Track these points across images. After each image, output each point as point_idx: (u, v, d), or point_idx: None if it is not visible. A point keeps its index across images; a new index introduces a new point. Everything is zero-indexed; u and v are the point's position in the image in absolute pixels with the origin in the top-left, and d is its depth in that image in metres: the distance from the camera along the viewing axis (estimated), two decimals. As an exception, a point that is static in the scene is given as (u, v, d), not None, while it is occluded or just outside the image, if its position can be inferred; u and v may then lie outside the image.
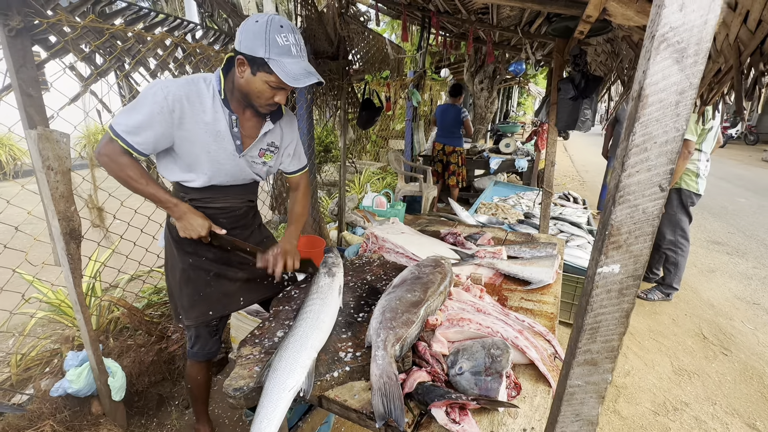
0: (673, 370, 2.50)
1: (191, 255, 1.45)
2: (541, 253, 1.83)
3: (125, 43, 1.60)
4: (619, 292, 0.54)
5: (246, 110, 1.36)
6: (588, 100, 2.19)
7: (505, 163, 5.55)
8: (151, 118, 1.20)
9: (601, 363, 0.57)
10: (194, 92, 1.25)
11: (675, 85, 0.47)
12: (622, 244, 0.52)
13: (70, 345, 1.89)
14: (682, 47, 0.46)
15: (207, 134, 1.29)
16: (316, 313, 1.17)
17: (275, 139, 1.46)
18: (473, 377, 0.99)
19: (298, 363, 0.99)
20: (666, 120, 0.48)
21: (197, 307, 1.48)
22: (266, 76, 1.21)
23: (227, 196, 1.45)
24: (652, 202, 0.50)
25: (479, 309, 1.25)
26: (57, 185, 1.38)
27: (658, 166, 0.49)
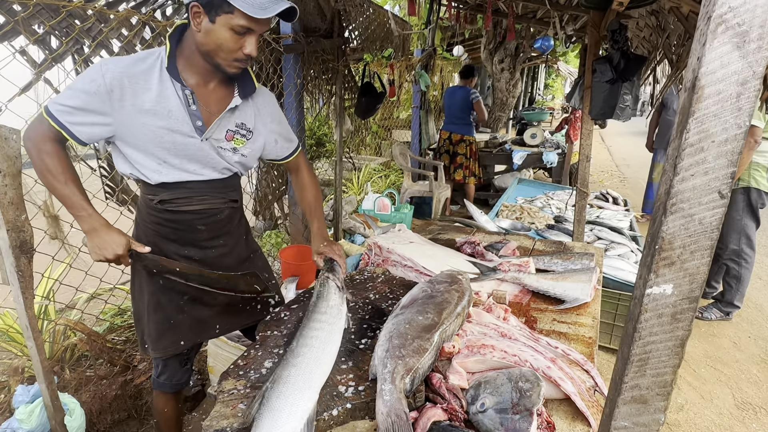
0: (735, 403, 2.49)
1: (163, 275, 1.42)
2: (576, 265, 1.83)
3: (84, 23, 1.62)
4: (672, 317, 0.54)
5: (210, 81, 1.33)
6: (628, 84, 2.19)
7: (530, 157, 5.56)
8: (88, 98, 1.21)
9: (651, 401, 0.57)
10: (140, 69, 1.25)
11: (735, 75, 0.47)
12: (676, 260, 0.53)
13: (19, 377, 1.91)
14: (744, 30, 0.46)
15: (156, 117, 1.27)
16: (323, 342, 1.15)
17: (246, 120, 1.42)
18: (498, 416, 0.99)
19: (299, 407, 0.98)
20: (725, 115, 0.48)
21: (167, 337, 1.47)
22: (228, 18, 1.17)
23: (203, 195, 1.42)
24: (710, 212, 0.51)
25: (504, 333, 1.25)
26: (5, 190, 1.40)
27: (716, 168, 0.49)
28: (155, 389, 1.62)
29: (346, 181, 5.64)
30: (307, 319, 1.25)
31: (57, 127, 1.21)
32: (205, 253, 1.50)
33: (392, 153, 5.15)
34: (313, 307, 1.29)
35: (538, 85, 16.02)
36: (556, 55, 9.70)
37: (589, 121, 2.63)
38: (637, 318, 0.56)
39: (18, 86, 1.52)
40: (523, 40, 6.57)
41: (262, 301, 1.62)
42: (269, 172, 3.41)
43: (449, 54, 7.76)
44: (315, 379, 1.05)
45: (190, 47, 1.27)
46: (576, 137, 4.93)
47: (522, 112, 7.60)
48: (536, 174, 7.02)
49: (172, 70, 1.26)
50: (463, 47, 7.81)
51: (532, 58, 9.15)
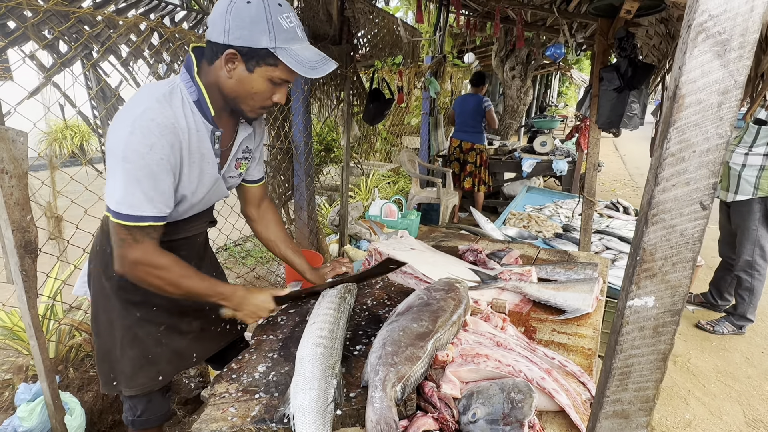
0: (746, 420, 2.43)
1: (140, 306, 1.35)
2: (579, 275, 1.81)
3: (93, 29, 1.66)
4: (654, 330, 0.53)
5: (222, 115, 1.26)
6: (636, 92, 2.17)
7: (540, 165, 5.52)
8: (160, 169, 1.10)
9: (633, 416, 0.56)
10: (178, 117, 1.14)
11: (717, 84, 0.46)
12: (657, 272, 0.52)
13: (23, 375, 1.94)
14: (725, 39, 0.46)
15: (198, 161, 1.21)
16: (338, 338, 1.21)
17: (251, 144, 1.39)
18: (489, 426, 0.97)
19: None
20: (706, 125, 0.47)
21: (144, 373, 1.38)
22: (270, 70, 1.12)
23: (191, 223, 1.39)
24: (691, 223, 0.50)
25: (499, 343, 1.24)
26: (11, 191, 1.43)
27: (698, 179, 0.49)
28: (135, 429, 1.48)
29: (354, 186, 5.65)
30: (323, 313, 1.29)
31: (153, 224, 1.13)
32: None
33: (400, 159, 5.15)
34: (331, 305, 1.33)
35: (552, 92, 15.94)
36: (568, 63, 9.66)
37: (596, 129, 2.61)
38: (619, 330, 0.55)
39: (26, 90, 1.55)
40: (533, 47, 6.56)
41: (230, 321, 1.58)
42: (276, 176, 3.44)
43: (460, 61, 7.77)
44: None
45: (210, 85, 1.18)
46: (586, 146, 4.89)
47: (533, 119, 7.57)
48: (546, 182, 6.97)
49: (205, 110, 1.18)
50: (474, 54, 7.82)
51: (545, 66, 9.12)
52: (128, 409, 1.47)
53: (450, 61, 7.31)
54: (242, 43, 1.08)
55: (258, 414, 1.03)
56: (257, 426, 1.00)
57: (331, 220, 3.97)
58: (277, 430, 1.00)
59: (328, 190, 5.69)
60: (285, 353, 1.26)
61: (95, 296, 1.40)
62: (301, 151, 3.22)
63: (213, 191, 1.34)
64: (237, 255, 4.22)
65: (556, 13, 3.00)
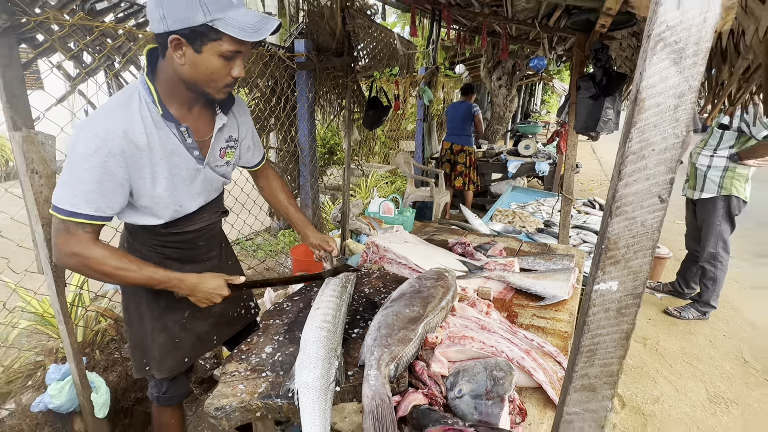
0: (708, 397, 2.44)
1: (165, 297, 1.32)
2: (557, 265, 1.81)
3: (115, 41, 1.65)
4: (618, 312, 0.54)
5: (193, 107, 1.19)
6: (610, 99, 2.17)
7: (524, 166, 5.52)
8: (101, 170, 1.04)
9: (599, 389, 0.56)
10: (132, 118, 1.08)
11: (673, 88, 0.47)
12: (620, 259, 0.52)
13: (53, 357, 1.94)
14: (681, 47, 0.46)
15: (164, 160, 1.14)
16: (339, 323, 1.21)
17: (233, 132, 1.34)
18: (473, 401, 0.98)
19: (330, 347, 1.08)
20: (664, 125, 0.48)
21: (172, 356, 1.38)
22: (216, 45, 1.03)
23: (203, 214, 1.35)
24: (651, 214, 0.50)
25: (484, 326, 1.25)
26: (41, 189, 1.43)
27: (656, 175, 0.49)
28: (160, 405, 1.49)
29: (355, 186, 5.65)
30: (328, 299, 1.29)
31: (88, 221, 1.06)
32: (203, 267, 1.41)
33: (397, 161, 5.15)
34: (335, 293, 1.33)
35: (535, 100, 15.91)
36: (550, 73, 9.64)
37: (574, 133, 2.61)
38: (587, 312, 0.55)
39: (54, 97, 1.55)
40: (518, 59, 6.54)
41: (245, 306, 1.59)
42: (283, 177, 3.44)
43: (452, 72, 7.75)
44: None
45: (169, 80, 1.11)
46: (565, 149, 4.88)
47: (518, 125, 7.56)
48: (530, 182, 6.96)
49: (167, 115, 1.12)
50: (464, 66, 7.79)
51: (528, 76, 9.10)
52: (153, 386, 1.48)
53: (442, 71, 7.29)
54: (181, 25, 0.99)
55: (265, 390, 1.03)
56: (264, 401, 1.00)
57: (334, 216, 3.97)
58: (282, 404, 1.00)
59: (331, 189, 5.68)
60: (290, 336, 1.27)
61: (124, 290, 1.38)
62: (306, 153, 3.22)
63: (203, 181, 1.27)
64: (248, 248, 4.21)
65: (537, 27, 2.99)
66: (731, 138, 2.87)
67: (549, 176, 5.59)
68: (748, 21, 1.18)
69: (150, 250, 1.32)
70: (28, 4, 1.38)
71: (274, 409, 1.01)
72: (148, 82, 1.10)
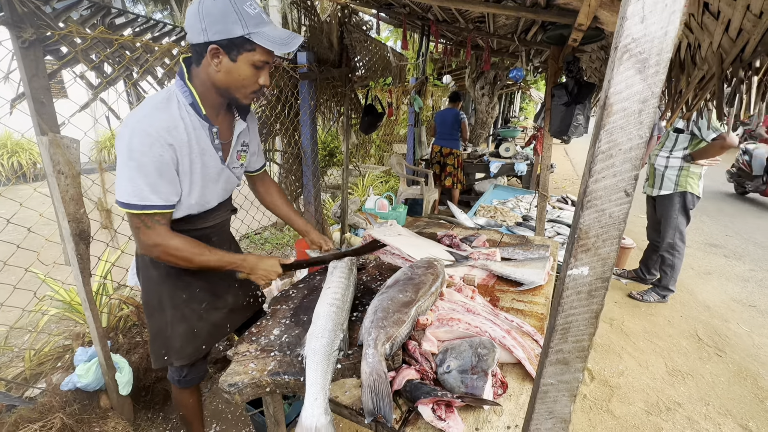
0: (667, 370, 2.48)
1: (185, 290, 1.33)
2: (534, 254, 1.82)
3: (133, 53, 1.63)
4: (589, 294, 0.54)
5: (219, 112, 1.22)
6: (581, 106, 2.18)
7: (504, 166, 5.54)
8: (161, 163, 1.06)
9: (572, 362, 0.57)
10: (174, 118, 1.10)
11: (638, 95, 0.47)
12: (591, 247, 0.53)
13: (80, 341, 1.92)
14: (644, 57, 0.46)
15: (199, 157, 1.16)
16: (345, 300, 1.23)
17: (246, 138, 1.35)
18: (460, 375, 0.99)
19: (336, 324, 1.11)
20: (630, 128, 0.48)
21: (191, 345, 1.37)
22: (250, 55, 1.07)
23: (217, 211, 1.36)
24: (618, 207, 0.50)
25: (469, 309, 1.25)
26: (67, 188, 1.41)
27: (623, 172, 0.49)
28: (180, 387, 1.48)
29: (353, 185, 5.63)
30: (336, 281, 1.30)
31: (162, 211, 1.09)
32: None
33: (391, 162, 5.14)
34: (341, 276, 1.34)
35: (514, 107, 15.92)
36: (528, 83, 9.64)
37: (549, 137, 2.61)
38: (561, 295, 0.56)
39: (78, 104, 1.53)
40: (499, 70, 6.54)
41: (253, 296, 1.58)
42: (288, 177, 3.42)
43: (439, 82, 7.73)
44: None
45: (203, 84, 1.13)
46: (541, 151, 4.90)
47: (499, 129, 7.56)
48: (510, 181, 6.99)
49: (198, 110, 1.13)
50: (450, 76, 7.77)
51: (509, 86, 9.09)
52: (174, 371, 1.46)
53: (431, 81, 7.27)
54: (220, 36, 1.03)
55: (273, 368, 1.03)
56: (272, 378, 1.00)
57: (334, 212, 3.96)
58: (289, 381, 1.00)
59: (332, 188, 5.66)
60: (295, 319, 1.27)
61: (145, 284, 1.35)
62: (308, 155, 3.20)
63: (224, 180, 1.29)
64: (257, 242, 4.20)
65: (516, 41, 2.99)
66: (685, 140, 2.90)
67: (527, 176, 5.61)
68: (704, 35, 1.18)
69: None
70: (53, 19, 1.35)
71: (282, 385, 1.01)
72: (189, 85, 1.12)
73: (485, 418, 0.94)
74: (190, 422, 1.59)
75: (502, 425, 0.93)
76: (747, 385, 2.36)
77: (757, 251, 4.51)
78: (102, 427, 1.68)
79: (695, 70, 1.24)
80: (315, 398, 0.92)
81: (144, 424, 1.94)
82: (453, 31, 3.40)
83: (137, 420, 1.93)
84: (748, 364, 2.54)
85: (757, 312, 3.20)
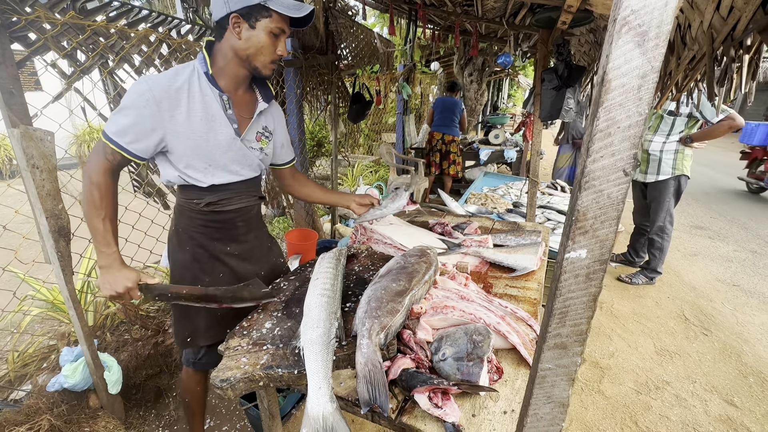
0: (655, 350, 2.54)
1: (209, 273, 1.37)
2: (526, 240, 1.83)
3: (108, 40, 1.55)
4: (587, 277, 0.53)
5: (239, 89, 1.28)
6: (571, 90, 2.17)
7: (494, 154, 5.54)
8: (139, 114, 1.12)
9: (570, 346, 0.57)
10: (181, 80, 1.17)
11: (637, 69, 0.45)
12: (589, 229, 0.51)
13: (66, 341, 1.88)
14: (644, 30, 0.44)
15: (201, 122, 1.19)
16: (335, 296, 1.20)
17: (269, 124, 1.38)
18: (456, 363, 0.98)
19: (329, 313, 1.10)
20: (629, 104, 0.47)
21: (215, 328, 1.39)
22: (267, 22, 1.15)
23: (241, 195, 1.36)
24: (616, 187, 0.49)
25: (463, 296, 1.25)
26: (43, 183, 1.36)
27: (622, 150, 0.48)
28: (194, 369, 1.50)
29: (342, 175, 5.59)
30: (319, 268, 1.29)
31: (117, 149, 1.14)
32: (243, 247, 1.43)
33: (380, 152, 5.09)
34: (320, 263, 1.32)
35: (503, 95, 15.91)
36: (516, 70, 9.62)
37: (538, 123, 2.61)
38: (559, 278, 0.55)
39: (51, 95, 1.46)
40: (487, 56, 6.50)
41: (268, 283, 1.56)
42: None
43: (427, 69, 7.66)
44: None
45: (224, 57, 1.21)
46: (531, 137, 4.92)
47: (488, 117, 7.55)
48: (499, 168, 7.01)
49: (211, 78, 1.21)
50: (439, 63, 7.70)
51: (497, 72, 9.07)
52: (190, 353, 1.48)
53: (419, 69, 7.20)
54: (240, 5, 1.12)
55: (266, 362, 1.01)
56: (265, 371, 0.98)
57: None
58: (283, 374, 0.99)
59: (320, 179, 5.61)
60: (287, 312, 1.25)
61: (173, 267, 1.38)
62: (296, 145, 3.14)
63: (236, 153, 1.28)
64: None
65: (505, 25, 2.96)
66: (681, 124, 2.92)
67: (516, 162, 5.64)
68: (694, 15, 1.18)
69: (194, 230, 1.33)
70: (19, 3, 1.28)
71: (276, 379, 0.99)
72: (205, 54, 1.21)
73: (482, 404, 0.95)
74: (194, 412, 1.61)
75: (499, 410, 0.93)
76: (731, 362, 2.44)
77: (740, 232, 4.63)
78: (92, 426, 1.65)
79: (685, 51, 1.24)
80: (319, 387, 0.91)
81: (136, 422, 1.91)
82: (441, 15, 3.35)
83: (129, 418, 1.90)
84: (733, 342, 2.62)
85: (740, 291, 3.29)
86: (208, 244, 1.36)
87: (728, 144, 11.80)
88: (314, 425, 0.87)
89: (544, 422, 0.62)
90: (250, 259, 1.45)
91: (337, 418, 0.88)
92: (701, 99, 2.69)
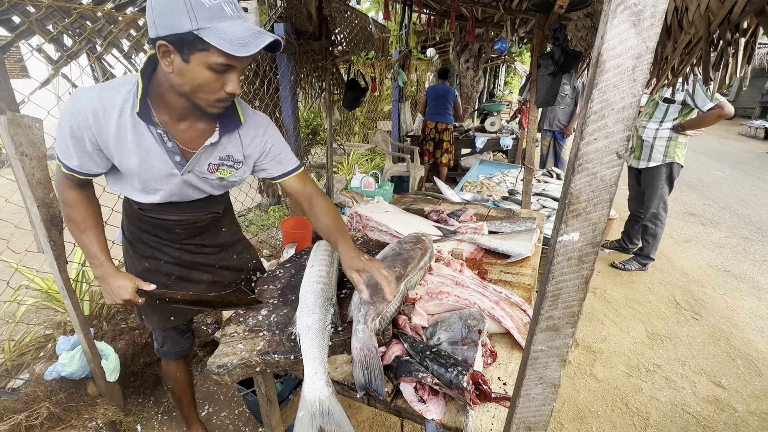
0: (646, 334, 2.58)
1: (147, 258, 1.28)
2: (521, 227, 1.84)
3: (95, 24, 1.52)
4: (579, 260, 0.54)
5: (187, 117, 1.06)
6: (567, 76, 2.16)
7: (490, 141, 5.53)
8: (73, 136, 1.00)
9: (562, 328, 0.57)
10: (114, 102, 0.99)
11: (632, 50, 0.45)
12: (581, 212, 0.52)
13: (62, 330, 1.88)
14: (639, 9, 0.44)
15: (135, 154, 1.04)
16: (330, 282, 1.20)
17: (232, 153, 1.15)
18: (450, 347, 1.00)
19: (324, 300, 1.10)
20: (623, 86, 0.46)
21: (157, 313, 1.35)
22: (204, 56, 0.88)
23: (184, 210, 1.24)
24: (609, 170, 0.49)
25: (458, 282, 1.26)
26: (33, 171, 1.33)
27: (615, 133, 0.48)
28: (159, 357, 1.50)
29: (337, 164, 5.55)
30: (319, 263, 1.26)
31: (69, 172, 1.07)
32: (184, 246, 1.32)
33: (376, 140, 5.06)
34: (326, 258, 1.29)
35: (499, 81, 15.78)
36: (513, 56, 9.53)
37: (534, 110, 2.60)
38: (551, 261, 0.55)
39: (38, 81, 1.43)
40: (483, 42, 6.43)
41: (246, 279, 1.49)
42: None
43: (423, 55, 7.56)
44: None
45: (161, 84, 0.99)
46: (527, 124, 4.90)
47: (484, 104, 7.51)
48: (495, 156, 6.99)
49: (143, 114, 1.00)
50: (435, 49, 7.60)
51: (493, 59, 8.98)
52: (155, 340, 1.51)
53: (414, 55, 7.11)
54: (168, 31, 0.86)
55: (263, 348, 1.02)
56: (262, 357, 0.99)
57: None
58: (279, 359, 1.00)
59: (316, 167, 5.57)
60: (283, 299, 1.25)
61: (123, 244, 1.37)
62: (290, 134, 3.11)
63: (181, 185, 1.13)
64: (242, 224, 4.13)
65: (501, 9, 2.92)
66: (675, 111, 2.91)
67: (512, 150, 5.63)
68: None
69: (131, 222, 1.29)
70: (0, -15, 1.24)
71: (272, 364, 1.00)
72: (140, 80, 0.99)
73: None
74: (179, 397, 1.63)
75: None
76: (720, 345, 2.49)
77: (732, 219, 4.68)
78: (91, 414, 1.67)
79: (682, 35, 1.23)
80: (315, 372, 0.92)
81: (135, 408, 1.93)
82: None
83: (127, 405, 1.92)
84: (722, 326, 2.67)
85: (730, 276, 3.35)
86: (145, 238, 1.28)
87: (723, 132, 11.83)
88: (311, 409, 0.88)
89: (535, 402, 0.64)
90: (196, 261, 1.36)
91: (333, 402, 0.89)
92: (696, 87, 2.68)
